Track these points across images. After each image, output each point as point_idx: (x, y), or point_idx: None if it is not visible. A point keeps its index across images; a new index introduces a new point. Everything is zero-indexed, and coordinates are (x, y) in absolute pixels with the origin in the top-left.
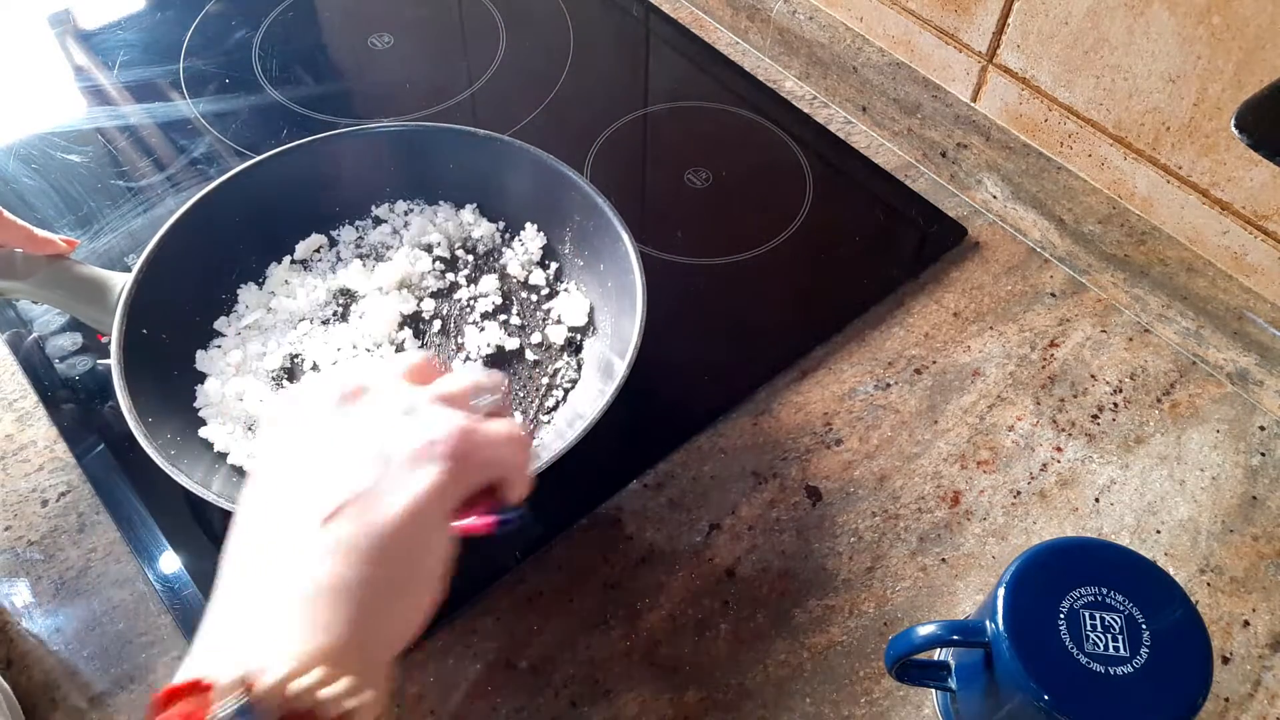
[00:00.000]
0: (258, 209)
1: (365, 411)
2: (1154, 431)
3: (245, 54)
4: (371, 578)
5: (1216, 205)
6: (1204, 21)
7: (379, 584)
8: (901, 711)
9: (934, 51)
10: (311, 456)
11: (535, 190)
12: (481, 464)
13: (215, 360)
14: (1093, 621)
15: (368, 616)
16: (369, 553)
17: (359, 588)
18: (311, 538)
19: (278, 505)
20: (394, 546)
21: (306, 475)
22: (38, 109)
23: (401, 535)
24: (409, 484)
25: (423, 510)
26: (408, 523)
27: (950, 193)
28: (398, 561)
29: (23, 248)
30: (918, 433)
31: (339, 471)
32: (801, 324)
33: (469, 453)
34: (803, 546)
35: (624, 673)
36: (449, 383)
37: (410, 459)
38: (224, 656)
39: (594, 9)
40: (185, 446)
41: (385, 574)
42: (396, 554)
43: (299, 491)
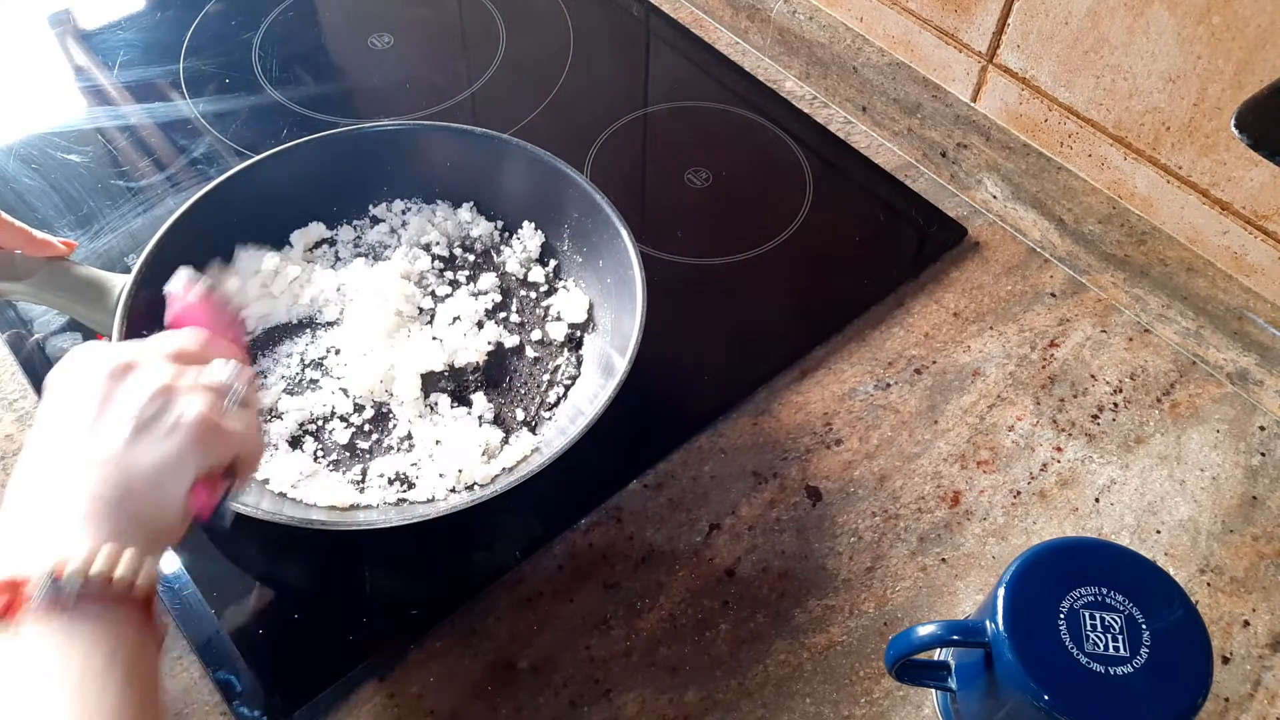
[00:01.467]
0: (257, 209)
1: (130, 385)
2: (1154, 431)
3: (245, 54)
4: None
5: (1216, 205)
6: (1204, 21)
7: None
8: (901, 711)
9: (934, 51)
10: (80, 415)
11: (532, 188)
12: (218, 446)
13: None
14: (1093, 621)
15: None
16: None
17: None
18: (86, 464)
19: (55, 447)
20: (139, 496)
21: (76, 428)
22: (38, 109)
23: (148, 487)
24: (157, 450)
25: (165, 471)
26: (152, 478)
27: (950, 193)
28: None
29: (21, 249)
30: (918, 433)
31: (103, 429)
32: (801, 324)
33: (209, 435)
34: (803, 546)
35: (624, 673)
36: (207, 374)
37: (162, 430)
38: (23, 558)
39: (594, 9)
40: None
41: (134, 511)
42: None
43: (70, 440)
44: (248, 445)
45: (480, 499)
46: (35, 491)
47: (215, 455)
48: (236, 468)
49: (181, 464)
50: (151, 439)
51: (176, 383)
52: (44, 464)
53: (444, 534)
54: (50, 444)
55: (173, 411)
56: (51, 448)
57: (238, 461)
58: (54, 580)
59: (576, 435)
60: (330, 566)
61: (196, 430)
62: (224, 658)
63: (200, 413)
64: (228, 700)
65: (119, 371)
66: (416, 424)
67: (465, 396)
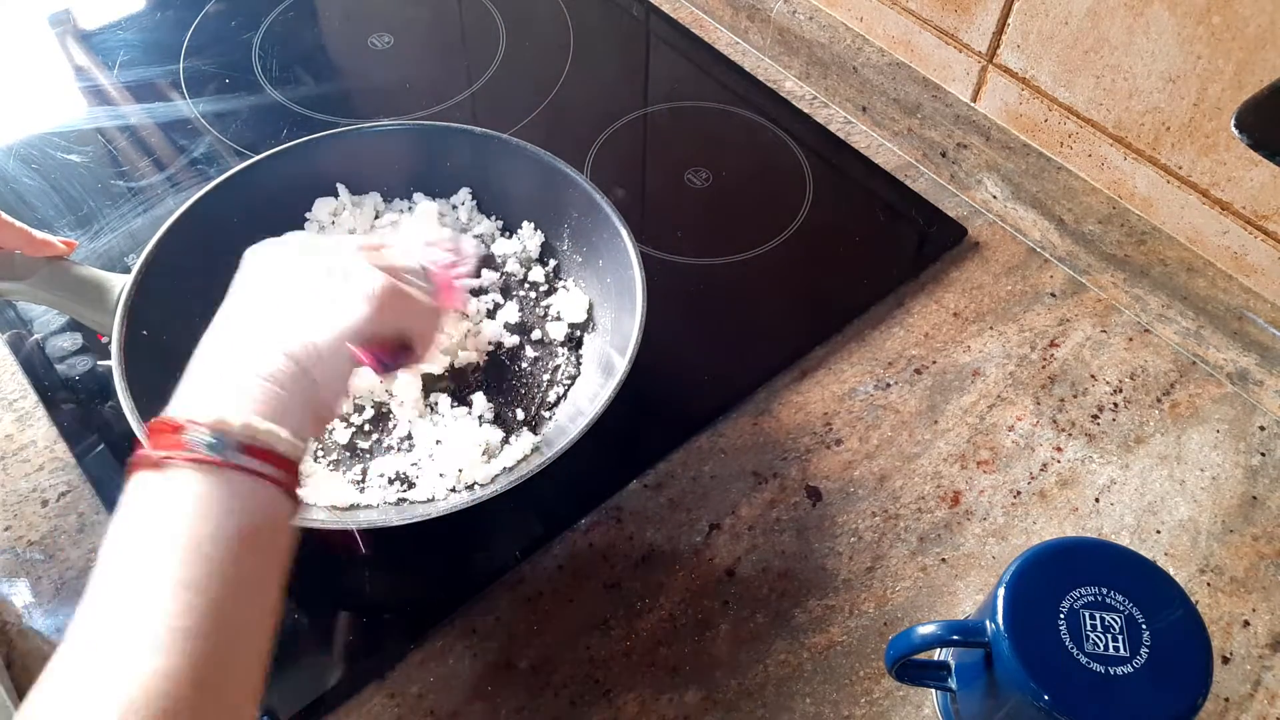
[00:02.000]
0: (257, 209)
1: (320, 262)
2: (1154, 431)
3: (245, 54)
4: (301, 377)
5: (1216, 205)
6: (1204, 21)
7: (305, 381)
8: (901, 711)
9: (934, 51)
10: (274, 286)
11: (532, 187)
12: (395, 316)
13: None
14: (1093, 621)
15: (297, 396)
16: (302, 359)
17: (292, 381)
18: (266, 343)
19: (245, 316)
20: (321, 359)
21: (270, 298)
22: (38, 109)
23: (326, 350)
24: (337, 317)
25: (341, 337)
26: (332, 342)
27: (950, 193)
28: (321, 370)
29: (21, 249)
30: (918, 433)
31: (292, 299)
32: (801, 324)
33: (386, 305)
34: (803, 546)
35: (624, 673)
36: (394, 256)
37: (343, 299)
38: (199, 408)
39: (594, 9)
40: None
41: (311, 375)
42: (322, 365)
43: (262, 309)
44: (427, 324)
45: (480, 499)
46: (219, 357)
47: (393, 322)
48: (413, 343)
49: (361, 326)
50: (335, 304)
51: (367, 258)
52: (231, 332)
53: (444, 534)
54: (240, 314)
55: (359, 281)
56: (240, 318)
57: (414, 337)
58: (213, 434)
59: (576, 435)
60: (330, 566)
61: (379, 297)
62: None
63: (383, 283)
64: None
65: (310, 250)
66: (416, 424)
67: (465, 396)
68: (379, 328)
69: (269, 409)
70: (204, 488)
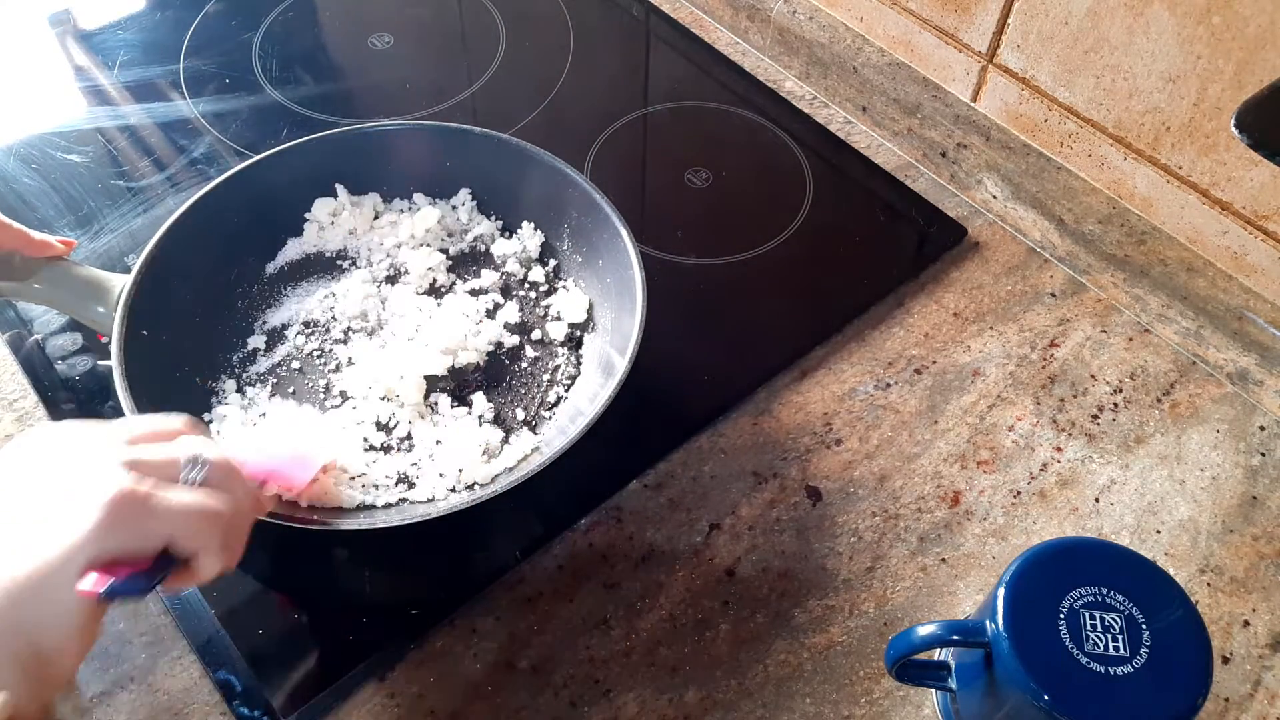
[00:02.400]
0: (257, 209)
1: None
2: (1154, 431)
3: (245, 54)
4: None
5: (1216, 205)
6: (1204, 21)
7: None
8: (901, 711)
9: (934, 51)
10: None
11: (532, 187)
12: (143, 529)
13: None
14: (1093, 621)
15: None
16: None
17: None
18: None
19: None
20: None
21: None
22: (38, 109)
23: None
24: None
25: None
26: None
27: (950, 193)
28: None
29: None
30: (918, 433)
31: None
32: (801, 324)
33: (125, 517)
34: (803, 546)
35: (624, 673)
36: (152, 450)
37: (64, 515)
38: None
39: (594, 9)
40: None
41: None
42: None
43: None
44: (192, 528)
45: (480, 499)
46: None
47: (137, 538)
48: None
49: (79, 548)
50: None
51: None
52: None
53: (444, 534)
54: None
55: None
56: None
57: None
58: None
59: (576, 435)
60: (330, 566)
61: (114, 505)
62: (224, 658)
63: (122, 487)
64: (228, 700)
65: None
66: (417, 424)
67: (465, 396)
68: (105, 547)
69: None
70: None
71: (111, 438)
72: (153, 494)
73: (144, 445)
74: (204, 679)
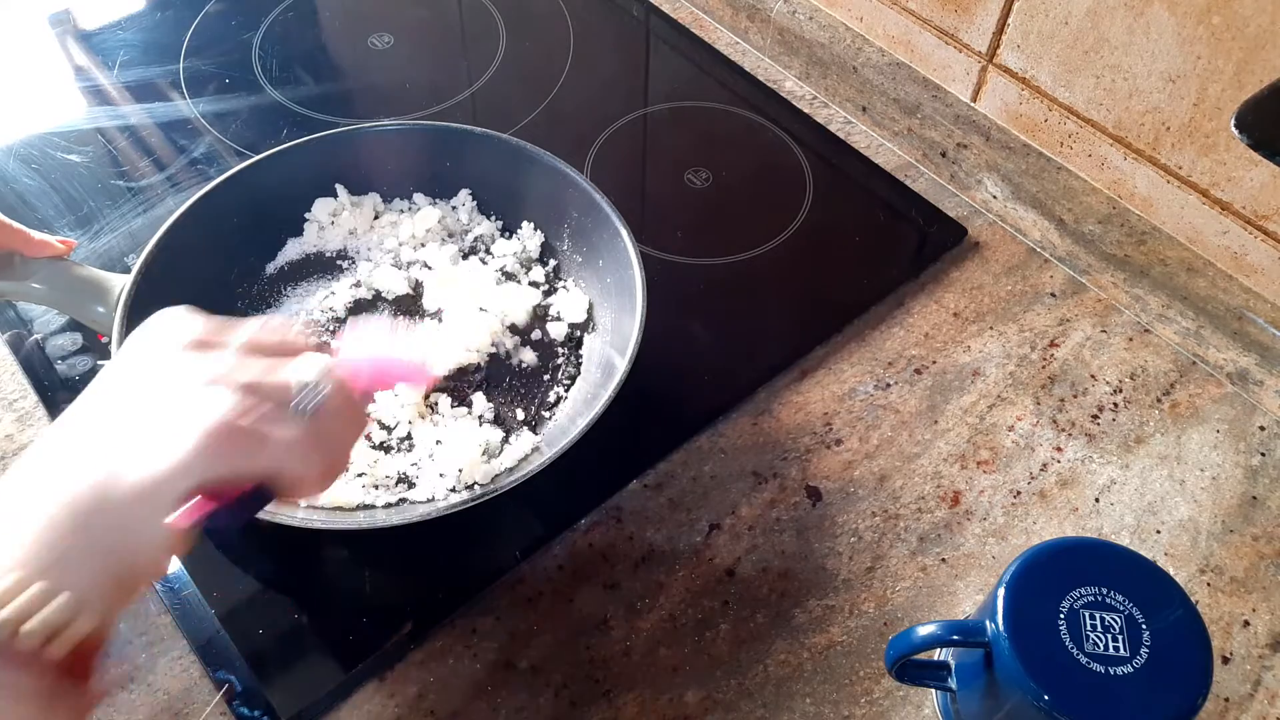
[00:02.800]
0: (257, 209)
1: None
2: (1154, 431)
3: (245, 54)
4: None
5: (1216, 205)
6: (1204, 21)
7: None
8: (901, 711)
9: (934, 51)
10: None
11: (532, 187)
12: (242, 463)
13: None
14: (1093, 621)
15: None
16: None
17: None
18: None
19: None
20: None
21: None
22: (38, 109)
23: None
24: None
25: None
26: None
27: (950, 193)
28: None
29: (20, 250)
30: (918, 433)
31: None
32: (801, 324)
33: (225, 452)
34: (803, 546)
35: (624, 673)
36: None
37: (164, 441)
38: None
39: (594, 9)
40: None
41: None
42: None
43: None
44: (294, 465)
45: (480, 499)
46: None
47: (234, 470)
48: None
49: (177, 477)
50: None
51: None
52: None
53: (444, 534)
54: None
55: (190, 412)
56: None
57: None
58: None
59: (576, 435)
60: (330, 566)
61: (214, 433)
62: (224, 658)
63: (227, 416)
64: (228, 700)
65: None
66: (417, 424)
67: (465, 396)
68: (205, 476)
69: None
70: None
71: (232, 346)
72: (259, 428)
73: (260, 363)
74: (204, 679)
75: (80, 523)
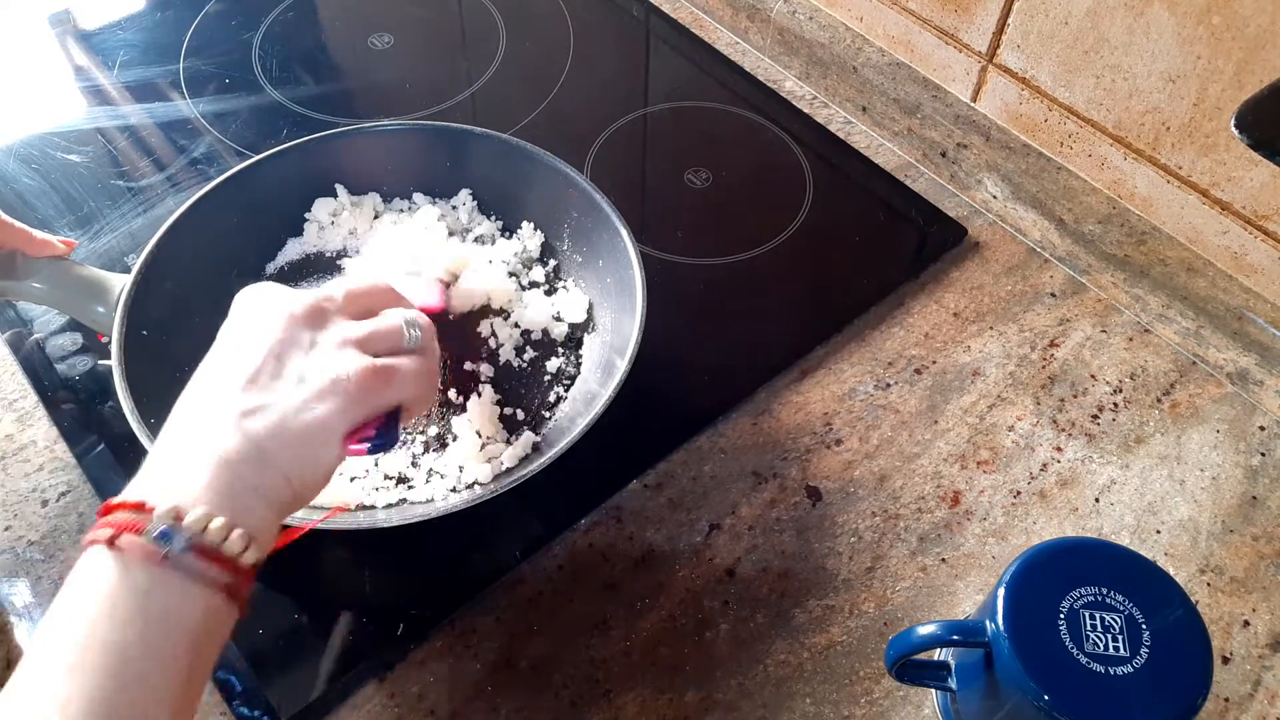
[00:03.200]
0: (257, 209)
1: (306, 336)
2: (1154, 431)
3: (245, 54)
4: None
5: (1216, 205)
6: (1204, 21)
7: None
8: (901, 711)
9: (934, 51)
10: (244, 363)
11: (532, 187)
12: (382, 395)
13: None
14: (1093, 621)
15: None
16: (264, 442)
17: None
18: (233, 421)
19: (218, 384)
20: (287, 447)
21: (237, 376)
22: (38, 109)
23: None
24: (311, 411)
25: (317, 428)
26: (303, 435)
27: (950, 193)
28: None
29: (21, 249)
30: (918, 433)
31: (266, 377)
32: (801, 324)
33: (370, 390)
34: (803, 546)
35: (624, 673)
36: (379, 323)
37: (318, 391)
38: (159, 490)
39: (594, 9)
40: None
41: (276, 462)
42: (288, 457)
43: (234, 380)
44: (418, 388)
45: (480, 499)
46: (184, 431)
47: (377, 405)
48: (405, 407)
49: (339, 419)
50: (311, 394)
51: (345, 335)
52: (199, 405)
53: (444, 534)
54: (209, 386)
55: (336, 366)
56: (209, 390)
57: (407, 403)
58: (169, 524)
59: (576, 435)
60: (330, 566)
61: (358, 383)
62: (224, 658)
63: (363, 367)
64: (228, 700)
65: (301, 319)
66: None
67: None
68: (357, 416)
69: (220, 497)
70: (142, 583)
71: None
72: (389, 366)
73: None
74: None
75: (258, 462)
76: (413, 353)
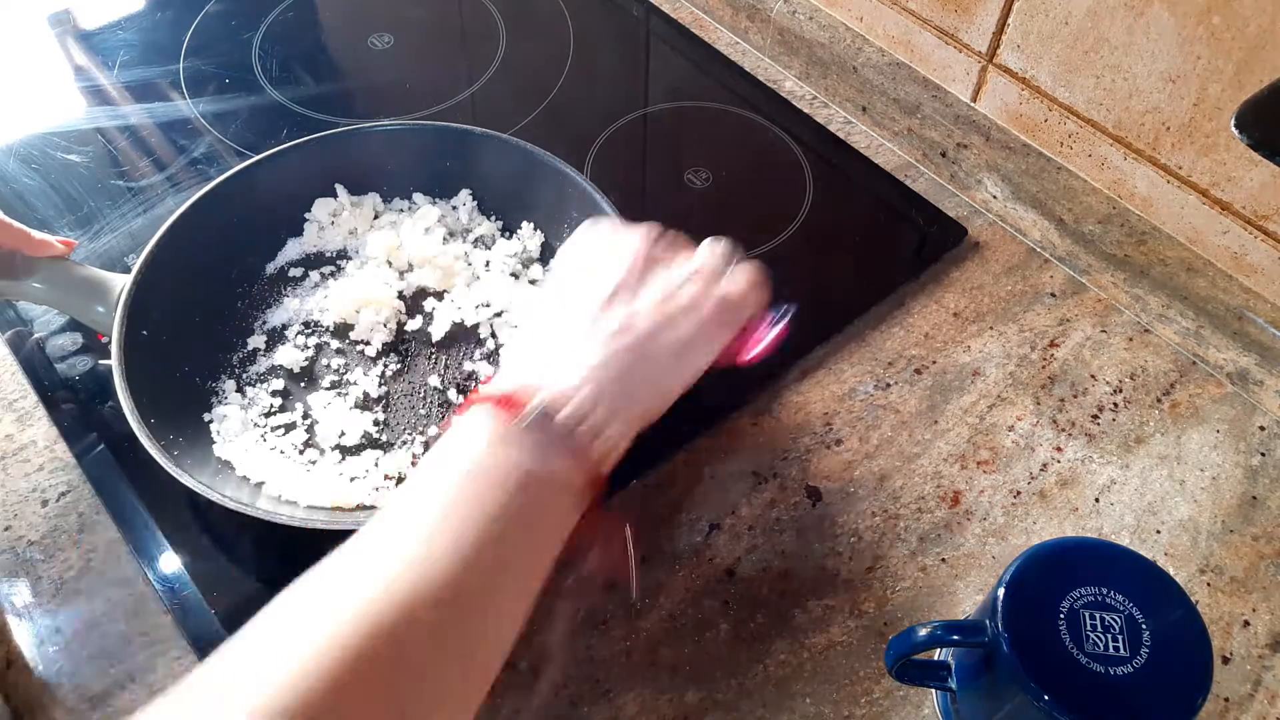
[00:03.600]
0: (257, 208)
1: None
2: (1154, 431)
3: (245, 54)
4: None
5: (1216, 205)
6: (1204, 21)
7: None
8: (901, 711)
9: (934, 51)
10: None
11: (532, 187)
12: (736, 320)
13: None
14: (1093, 621)
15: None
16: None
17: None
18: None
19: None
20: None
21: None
22: (38, 109)
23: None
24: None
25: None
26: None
27: (950, 193)
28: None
29: (21, 250)
30: (918, 433)
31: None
32: (801, 324)
33: (726, 322)
34: (803, 546)
35: (624, 673)
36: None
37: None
38: (529, 383)
39: (594, 9)
40: (187, 447)
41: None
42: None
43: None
44: (759, 293)
45: None
46: (554, 345)
47: (734, 327)
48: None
49: (704, 346)
50: (672, 326)
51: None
52: (567, 326)
53: None
54: (575, 310)
55: (689, 301)
56: (576, 314)
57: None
58: (547, 412)
59: None
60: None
61: (717, 320)
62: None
63: (713, 304)
64: None
65: (645, 259)
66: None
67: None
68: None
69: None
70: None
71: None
72: (732, 294)
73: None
74: None
75: (626, 376)
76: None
